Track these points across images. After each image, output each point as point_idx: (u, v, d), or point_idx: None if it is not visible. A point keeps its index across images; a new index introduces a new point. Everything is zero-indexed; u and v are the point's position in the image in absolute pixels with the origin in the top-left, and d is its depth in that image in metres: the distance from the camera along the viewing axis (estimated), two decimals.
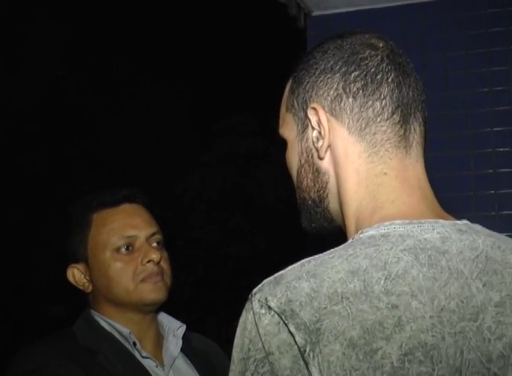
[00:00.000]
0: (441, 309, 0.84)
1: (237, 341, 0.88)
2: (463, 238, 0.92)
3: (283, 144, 1.10)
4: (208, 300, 13.28)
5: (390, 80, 1.00)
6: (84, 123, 13.77)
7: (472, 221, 0.99)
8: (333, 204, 1.03)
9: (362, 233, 0.94)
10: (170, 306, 1.75)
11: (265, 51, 13.98)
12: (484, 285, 0.88)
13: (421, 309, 0.84)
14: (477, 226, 0.97)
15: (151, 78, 14.48)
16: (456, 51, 2.69)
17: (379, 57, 1.01)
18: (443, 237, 0.91)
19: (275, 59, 12.83)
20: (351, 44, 1.02)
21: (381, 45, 1.03)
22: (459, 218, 0.99)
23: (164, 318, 1.77)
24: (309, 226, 1.08)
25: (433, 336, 0.83)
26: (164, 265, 1.70)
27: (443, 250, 0.89)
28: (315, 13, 2.87)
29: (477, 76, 2.67)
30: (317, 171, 1.03)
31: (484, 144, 2.63)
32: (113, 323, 1.66)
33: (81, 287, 1.71)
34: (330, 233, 1.07)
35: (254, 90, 13.62)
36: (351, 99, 0.99)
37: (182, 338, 1.73)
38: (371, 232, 0.93)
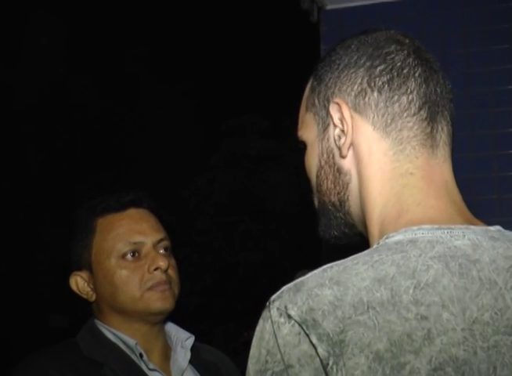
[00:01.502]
0: (473, 322, 0.83)
1: (253, 351, 0.87)
2: (496, 246, 0.91)
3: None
4: (216, 310, 13.26)
5: (417, 74, 1.00)
6: (86, 124, 13.81)
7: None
8: (354, 207, 1.03)
9: (387, 237, 0.93)
10: (175, 316, 1.76)
11: (277, 47, 13.98)
12: None
13: (452, 321, 0.83)
14: (511, 234, 0.96)
15: (157, 76, 14.51)
16: (478, 46, 2.69)
17: (405, 52, 1.01)
18: (474, 245, 0.90)
19: (288, 56, 12.83)
20: (375, 39, 1.03)
21: (407, 41, 1.03)
22: (489, 223, 0.98)
23: (172, 328, 1.77)
24: (328, 235, 1.07)
25: (465, 350, 0.82)
26: (172, 273, 1.70)
27: (474, 259, 0.88)
28: (328, 7, 2.86)
29: (500, 73, 2.66)
30: (338, 172, 1.02)
31: (507, 145, 2.62)
32: (119, 333, 1.66)
33: (84, 296, 1.72)
34: (350, 242, 1.07)
35: (265, 88, 13.62)
36: (376, 94, 0.99)
37: (191, 350, 1.74)
38: (397, 237, 0.91)
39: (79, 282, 1.72)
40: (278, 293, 0.87)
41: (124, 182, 11.78)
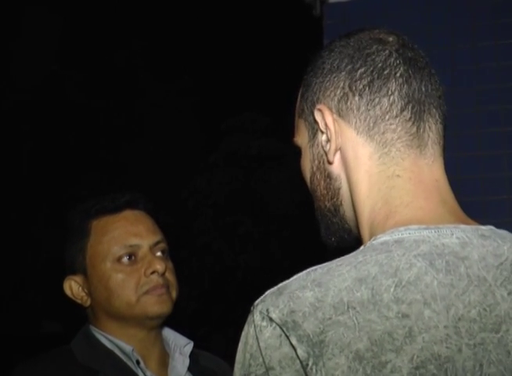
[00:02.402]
0: (459, 319, 0.85)
1: (239, 356, 0.91)
2: (485, 244, 0.92)
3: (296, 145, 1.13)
4: (215, 314, 13.28)
5: (398, 74, 1.01)
6: (81, 122, 13.82)
7: (507, 227, 0.99)
8: (348, 212, 1.05)
9: (374, 239, 0.95)
10: (173, 321, 1.76)
11: (278, 42, 13.99)
12: (509, 293, 0.88)
13: (435, 319, 0.84)
14: (504, 232, 0.97)
15: (154, 73, 14.52)
16: (486, 41, 2.69)
17: (386, 52, 1.02)
18: (463, 243, 0.92)
19: (289, 51, 12.84)
20: (357, 40, 1.05)
21: (390, 39, 1.04)
22: (485, 223, 0.99)
23: (170, 334, 1.77)
24: (329, 240, 1.09)
25: (447, 347, 0.83)
26: (170, 276, 1.70)
27: (462, 256, 0.90)
28: (331, 0, 2.87)
29: (509, 68, 2.66)
30: (328, 178, 1.05)
31: None
32: (115, 339, 1.67)
33: (78, 301, 1.72)
34: (351, 245, 1.08)
35: (266, 85, 13.63)
36: (357, 98, 1.01)
37: (190, 356, 1.74)
38: (384, 238, 0.94)
39: (73, 286, 1.72)
40: (261, 297, 0.91)
41: (120, 183, 11.78)
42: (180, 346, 1.75)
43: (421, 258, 0.89)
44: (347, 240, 1.09)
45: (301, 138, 1.10)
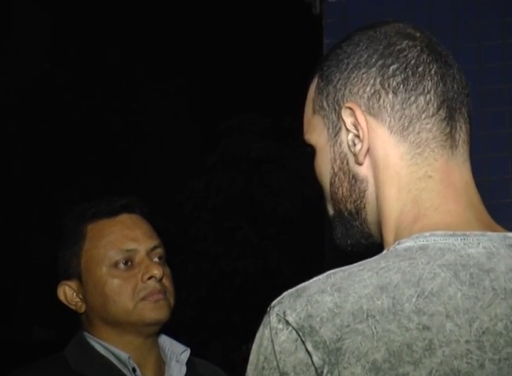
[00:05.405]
0: (483, 333, 0.85)
1: (252, 357, 0.90)
2: None
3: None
4: (212, 321, 13.26)
5: (433, 72, 1.01)
6: (73, 123, 13.81)
7: None
8: (370, 215, 1.03)
9: (398, 243, 0.94)
10: (169, 328, 1.77)
11: (277, 40, 13.99)
12: None
13: (456, 332, 0.84)
14: None
15: (148, 72, 14.52)
16: (492, 40, 2.69)
17: (418, 48, 1.02)
18: (489, 253, 0.91)
19: (289, 50, 12.84)
20: (385, 34, 1.03)
21: (418, 34, 1.04)
22: (510, 229, 0.99)
23: (166, 341, 1.78)
24: (345, 243, 1.07)
25: (467, 363, 0.83)
26: (167, 282, 1.71)
27: (488, 268, 0.90)
28: None
29: None
30: (354, 179, 1.03)
31: None
32: (110, 346, 1.67)
33: (73, 307, 1.73)
34: (367, 250, 1.08)
35: (266, 85, 13.62)
36: (391, 95, 1.00)
37: (186, 364, 1.74)
38: (408, 243, 0.93)
39: (67, 292, 1.72)
40: (279, 298, 0.90)
41: (114, 186, 11.78)
42: (176, 354, 1.76)
43: (446, 269, 0.88)
44: (364, 245, 1.07)
45: (317, 136, 1.07)
